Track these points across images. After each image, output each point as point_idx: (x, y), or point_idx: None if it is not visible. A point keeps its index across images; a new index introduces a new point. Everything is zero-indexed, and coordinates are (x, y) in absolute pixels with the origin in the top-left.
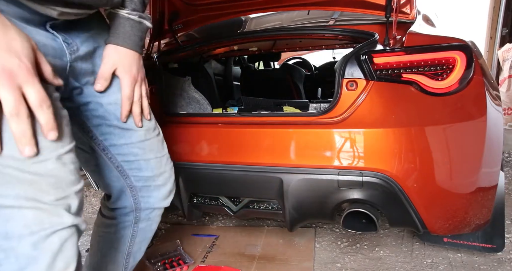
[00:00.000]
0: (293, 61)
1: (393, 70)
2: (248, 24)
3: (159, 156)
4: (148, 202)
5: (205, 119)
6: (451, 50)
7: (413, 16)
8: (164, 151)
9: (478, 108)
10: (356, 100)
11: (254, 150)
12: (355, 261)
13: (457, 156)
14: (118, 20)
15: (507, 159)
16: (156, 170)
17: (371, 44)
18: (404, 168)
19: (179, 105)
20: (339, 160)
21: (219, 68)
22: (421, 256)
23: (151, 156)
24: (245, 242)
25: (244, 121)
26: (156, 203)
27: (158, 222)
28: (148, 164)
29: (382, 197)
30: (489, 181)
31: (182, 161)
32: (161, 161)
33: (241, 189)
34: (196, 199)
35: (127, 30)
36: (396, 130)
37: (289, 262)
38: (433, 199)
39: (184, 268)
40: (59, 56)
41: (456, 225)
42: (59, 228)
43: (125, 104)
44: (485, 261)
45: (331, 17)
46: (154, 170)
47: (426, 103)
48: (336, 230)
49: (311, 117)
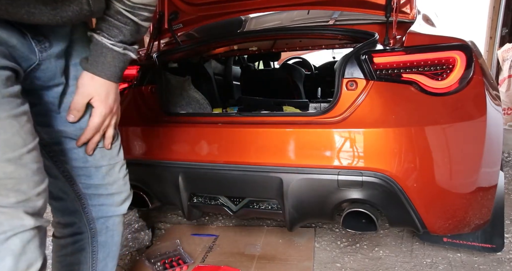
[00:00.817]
0: (293, 61)
1: (393, 70)
2: (248, 24)
3: (112, 163)
4: (100, 210)
5: (205, 119)
6: (451, 50)
7: (413, 16)
8: (118, 158)
9: (478, 108)
10: (356, 100)
11: (254, 150)
12: (355, 261)
13: (457, 156)
14: (100, 49)
15: (507, 159)
16: (108, 178)
17: (371, 44)
18: (404, 168)
19: (179, 105)
20: (339, 160)
21: (219, 68)
22: (420, 256)
23: (103, 163)
24: (245, 242)
25: (244, 121)
26: (109, 211)
27: (120, 233)
28: (99, 171)
29: (382, 197)
30: (489, 181)
31: (182, 160)
32: (114, 169)
33: (241, 189)
34: (196, 199)
35: (108, 61)
36: (396, 130)
37: (289, 262)
38: (433, 199)
39: (184, 267)
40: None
41: (456, 225)
42: (20, 230)
43: (88, 133)
44: (484, 261)
45: (331, 17)
46: (105, 178)
47: (426, 103)
48: (336, 230)
49: (311, 117)
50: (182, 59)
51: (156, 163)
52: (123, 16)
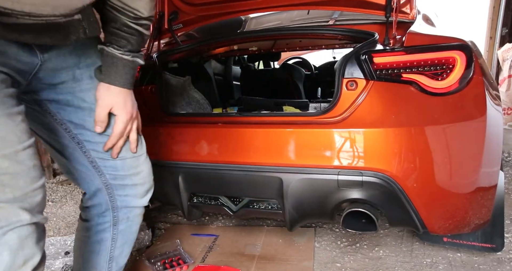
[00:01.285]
0: (293, 61)
1: (393, 70)
2: (248, 24)
3: (136, 155)
4: (124, 200)
5: (205, 119)
6: (451, 50)
7: (413, 16)
8: (142, 150)
9: (478, 108)
10: (356, 100)
11: (254, 150)
12: (355, 260)
13: (457, 156)
14: (111, 59)
15: (507, 159)
16: (133, 169)
17: (371, 44)
18: (404, 168)
19: (179, 105)
20: (339, 160)
21: (219, 68)
22: (420, 255)
23: (128, 155)
24: (245, 242)
25: (244, 121)
26: (133, 202)
27: (138, 223)
28: (124, 163)
29: (382, 197)
30: (489, 181)
31: (182, 160)
32: (139, 160)
33: (241, 189)
34: (196, 199)
35: (120, 69)
36: (396, 130)
37: (289, 262)
38: (433, 199)
39: (184, 267)
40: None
41: (456, 225)
42: (17, 225)
43: (113, 139)
44: (484, 261)
45: (331, 17)
46: (130, 169)
47: (426, 103)
48: (336, 230)
49: (311, 117)
50: (182, 59)
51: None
52: (129, 27)
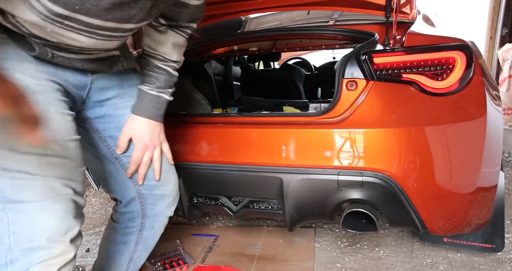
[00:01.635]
0: (293, 61)
1: (393, 70)
2: (248, 24)
3: (165, 167)
4: (153, 209)
5: (205, 119)
6: (451, 50)
7: (413, 16)
8: (171, 162)
9: (478, 108)
10: (356, 100)
11: (254, 150)
12: (355, 261)
13: (457, 156)
14: (141, 95)
15: (507, 159)
16: (163, 180)
17: (371, 44)
18: (404, 168)
19: (179, 105)
20: (339, 160)
21: (219, 68)
22: (421, 256)
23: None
24: (245, 242)
25: (244, 121)
26: (161, 211)
27: (160, 233)
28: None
29: (382, 197)
30: (489, 181)
31: (182, 161)
32: (168, 172)
33: (241, 189)
34: (196, 199)
35: (146, 103)
36: (396, 130)
37: (289, 262)
38: (433, 199)
39: (184, 268)
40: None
41: (456, 225)
42: (62, 197)
43: (132, 165)
44: (485, 261)
45: (331, 17)
46: (161, 180)
47: (426, 103)
48: (336, 230)
49: (311, 117)
50: None
51: None
52: (159, 68)
